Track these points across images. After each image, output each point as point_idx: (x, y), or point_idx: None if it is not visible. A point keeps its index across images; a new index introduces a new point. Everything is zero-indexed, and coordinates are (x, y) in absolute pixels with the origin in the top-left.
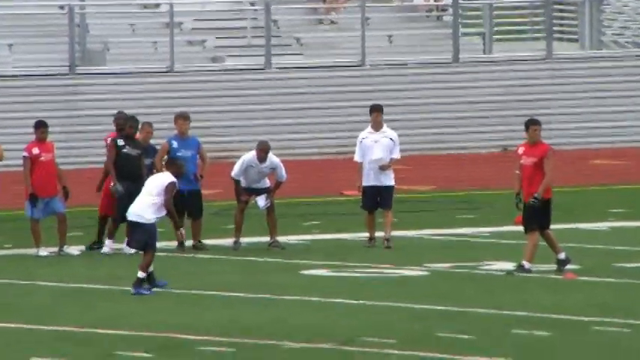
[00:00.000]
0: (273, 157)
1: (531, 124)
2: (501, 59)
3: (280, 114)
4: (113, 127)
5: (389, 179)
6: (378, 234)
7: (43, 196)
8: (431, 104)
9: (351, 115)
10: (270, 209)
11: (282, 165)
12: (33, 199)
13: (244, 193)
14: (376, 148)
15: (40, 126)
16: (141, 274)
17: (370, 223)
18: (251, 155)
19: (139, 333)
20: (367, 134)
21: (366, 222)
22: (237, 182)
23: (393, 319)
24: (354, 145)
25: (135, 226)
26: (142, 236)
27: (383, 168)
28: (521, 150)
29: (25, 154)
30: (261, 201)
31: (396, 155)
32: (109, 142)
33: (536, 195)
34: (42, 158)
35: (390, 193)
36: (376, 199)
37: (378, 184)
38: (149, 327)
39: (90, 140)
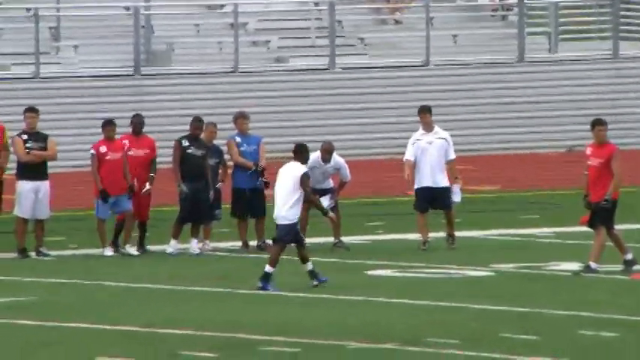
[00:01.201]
0: (337, 158)
1: (597, 124)
2: (567, 59)
3: (344, 114)
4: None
5: (444, 180)
6: (434, 235)
7: (111, 194)
8: (496, 104)
9: (416, 115)
10: (333, 209)
11: (346, 165)
12: (104, 195)
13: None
14: (431, 149)
15: (107, 124)
16: (269, 269)
17: (423, 224)
18: (315, 156)
19: (202, 333)
20: (420, 136)
21: (419, 223)
22: None
23: (457, 319)
24: None
25: (279, 226)
26: (288, 235)
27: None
28: (588, 151)
29: (93, 151)
30: (326, 201)
31: (452, 156)
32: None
33: (606, 197)
34: (108, 157)
35: (447, 193)
36: (430, 200)
37: (433, 185)
38: (212, 326)
39: (157, 141)
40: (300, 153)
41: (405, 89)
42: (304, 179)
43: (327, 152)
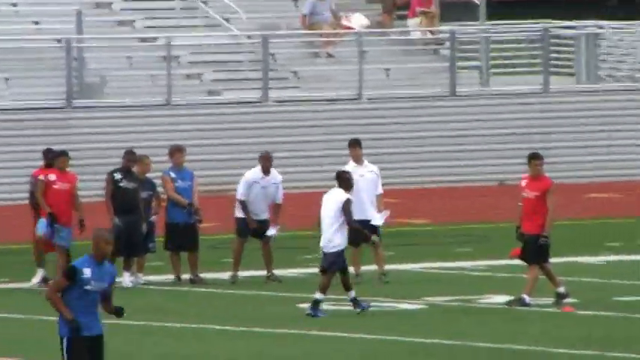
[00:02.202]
0: (275, 172)
1: (533, 158)
2: (498, 93)
3: (277, 147)
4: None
5: (374, 214)
6: (368, 268)
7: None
8: (428, 137)
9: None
10: (266, 241)
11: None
12: (52, 217)
13: (253, 220)
14: (362, 182)
15: (63, 155)
16: (319, 296)
17: (356, 258)
18: (253, 171)
19: None
20: (352, 169)
21: (352, 257)
22: (243, 205)
23: (390, 351)
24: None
25: (327, 254)
26: (336, 262)
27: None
28: (524, 183)
29: (41, 177)
30: (271, 230)
31: (380, 190)
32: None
33: (544, 233)
34: (57, 186)
35: (377, 227)
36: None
37: (365, 218)
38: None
39: (87, 174)
40: (343, 180)
41: (338, 122)
42: (346, 205)
43: (267, 160)
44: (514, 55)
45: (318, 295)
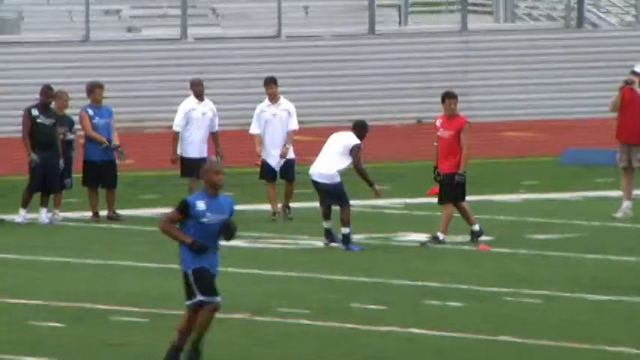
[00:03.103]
0: (208, 100)
1: (447, 97)
2: (417, 32)
3: None
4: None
5: (290, 152)
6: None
7: None
8: (346, 76)
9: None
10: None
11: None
12: None
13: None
14: (276, 121)
15: None
16: (346, 230)
17: (273, 195)
18: (188, 100)
19: (51, 303)
20: (265, 107)
21: (269, 194)
22: (176, 137)
23: (306, 289)
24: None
25: (320, 186)
26: (330, 197)
27: (282, 156)
28: (438, 122)
29: None
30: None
31: (294, 126)
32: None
33: (460, 171)
34: None
35: (292, 165)
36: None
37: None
38: (62, 296)
39: (5, 110)
40: (359, 128)
41: (257, 60)
42: (355, 149)
43: (199, 85)
44: None
45: (344, 230)
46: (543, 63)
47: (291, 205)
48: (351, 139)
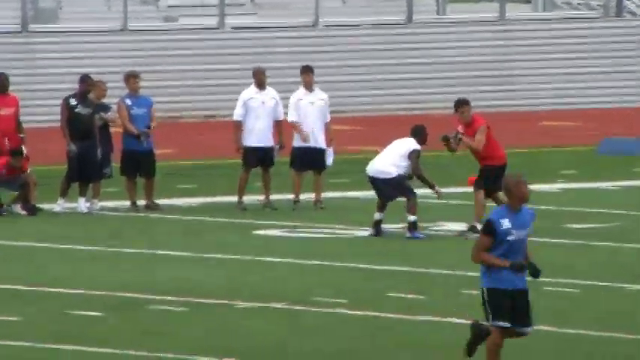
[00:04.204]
0: (270, 89)
1: (457, 106)
2: (455, 21)
3: (233, 74)
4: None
5: (323, 141)
6: (309, 196)
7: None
8: (384, 65)
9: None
10: (267, 168)
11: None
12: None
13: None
14: (311, 109)
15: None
16: (412, 218)
17: (299, 183)
18: (247, 90)
19: (91, 292)
20: (302, 95)
21: (295, 182)
22: (237, 125)
23: (344, 279)
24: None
25: (378, 182)
26: (393, 190)
27: (329, 145)
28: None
29: None
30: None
31: (328, 118)
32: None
33: (459, 132)
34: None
35: (324, 155)
36: (308, 160)
37: (313, 145)
38: (100, 286)
39: (43, 99)
40: (419, 133)
41: (294, 49)
42: (415, 154)
43: (261, 74)
44: None
45: (410, 218)
46: (582, 52)
47: (327, 195)
48: (411, 143)
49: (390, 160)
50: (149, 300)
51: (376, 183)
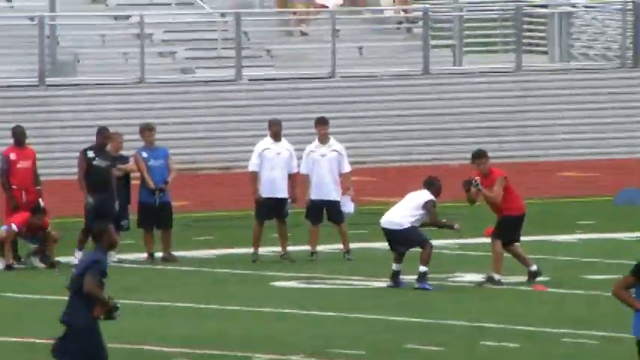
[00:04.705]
0: (285, 140)
1: (473, 159)
2: (471, 71)
3: (250, 125)
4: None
5: (335, 193)
6: (327, 247)
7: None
8: (401, 116)
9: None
10: (282, 219)
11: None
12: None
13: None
14: (324, 161)
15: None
16: (422, 268)
17: (314, 235)
18: (262, 141)
19: (109, 345)
20: (315, 148)
21: (311, 234)
22: (254, 176)
23: (362, 330)
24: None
25: (390, 234)
26: (405, 242)
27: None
28: (478, 179)
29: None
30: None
31: (347, 169)
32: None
33: (474, 180)
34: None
35: (339, 206)
36: (322, 212)
37: (324, 198)
38: (117, 338)
39: (61, 152)
40: (432, 185)
41: (311, 100)
42: (430, 204)
43: (277, 126)
44: (487, 34)
45: (421, 269)
46: (598, 103)
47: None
48: (425, 195)
49: (404, 212)
50: (166, 353)
51: (389, 235)
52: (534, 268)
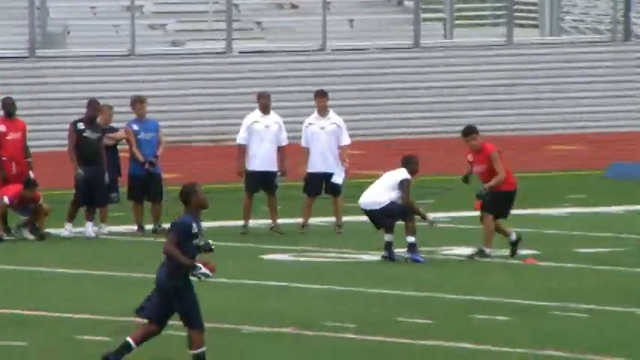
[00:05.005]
0: (274, 113)
1: (463, 136)
2: (462, 45)
3: (240, 98)
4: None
5: (335, 166)
6: (318, 220)
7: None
8: (391, 89)
9: (312, 99)
10: (272, 192)
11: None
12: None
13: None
14: (323, 134)
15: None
16: (411, 239)
17: (308, 208)
18: (251, 114)
19: (97, 317)
20: (314, 120)
21: (305, 207)
22: (242, 149)
23: (351, 304)
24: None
25: (372, 214)
26: (388, 218)
27: (346, 171)
28: (470, 158)
29: None
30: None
31: (346, 141)
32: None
33: (483, 188)
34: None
35: (337, 183)
36: (321, 185)
37: (324, 170)
38: (108, 310)
39: (52, 124)
40: (409, 163)
41: (302, 73)
42: (405, 183)
43: (266, 98)
44: (478, 7)
45: (410, 239)
46: (589, 76)
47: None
48: (402, 174)
49: (382, 191)
50: None
51: (371, 214)
52: (513, 237)
